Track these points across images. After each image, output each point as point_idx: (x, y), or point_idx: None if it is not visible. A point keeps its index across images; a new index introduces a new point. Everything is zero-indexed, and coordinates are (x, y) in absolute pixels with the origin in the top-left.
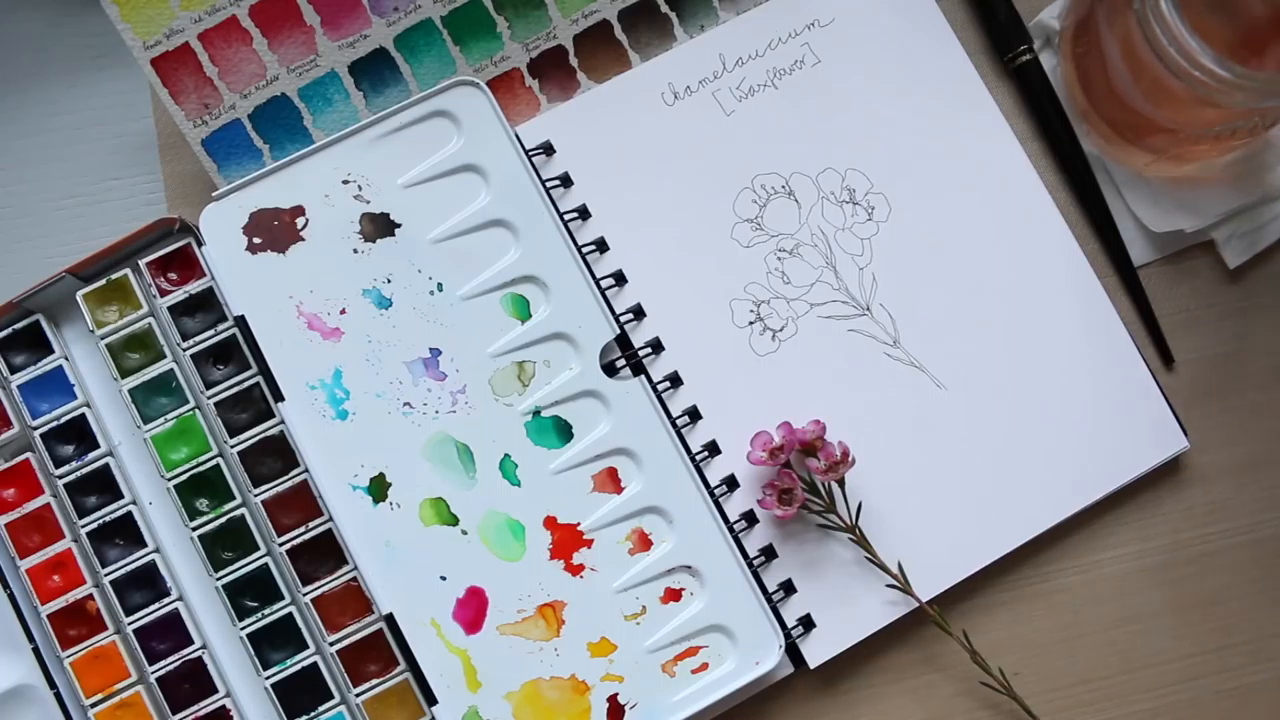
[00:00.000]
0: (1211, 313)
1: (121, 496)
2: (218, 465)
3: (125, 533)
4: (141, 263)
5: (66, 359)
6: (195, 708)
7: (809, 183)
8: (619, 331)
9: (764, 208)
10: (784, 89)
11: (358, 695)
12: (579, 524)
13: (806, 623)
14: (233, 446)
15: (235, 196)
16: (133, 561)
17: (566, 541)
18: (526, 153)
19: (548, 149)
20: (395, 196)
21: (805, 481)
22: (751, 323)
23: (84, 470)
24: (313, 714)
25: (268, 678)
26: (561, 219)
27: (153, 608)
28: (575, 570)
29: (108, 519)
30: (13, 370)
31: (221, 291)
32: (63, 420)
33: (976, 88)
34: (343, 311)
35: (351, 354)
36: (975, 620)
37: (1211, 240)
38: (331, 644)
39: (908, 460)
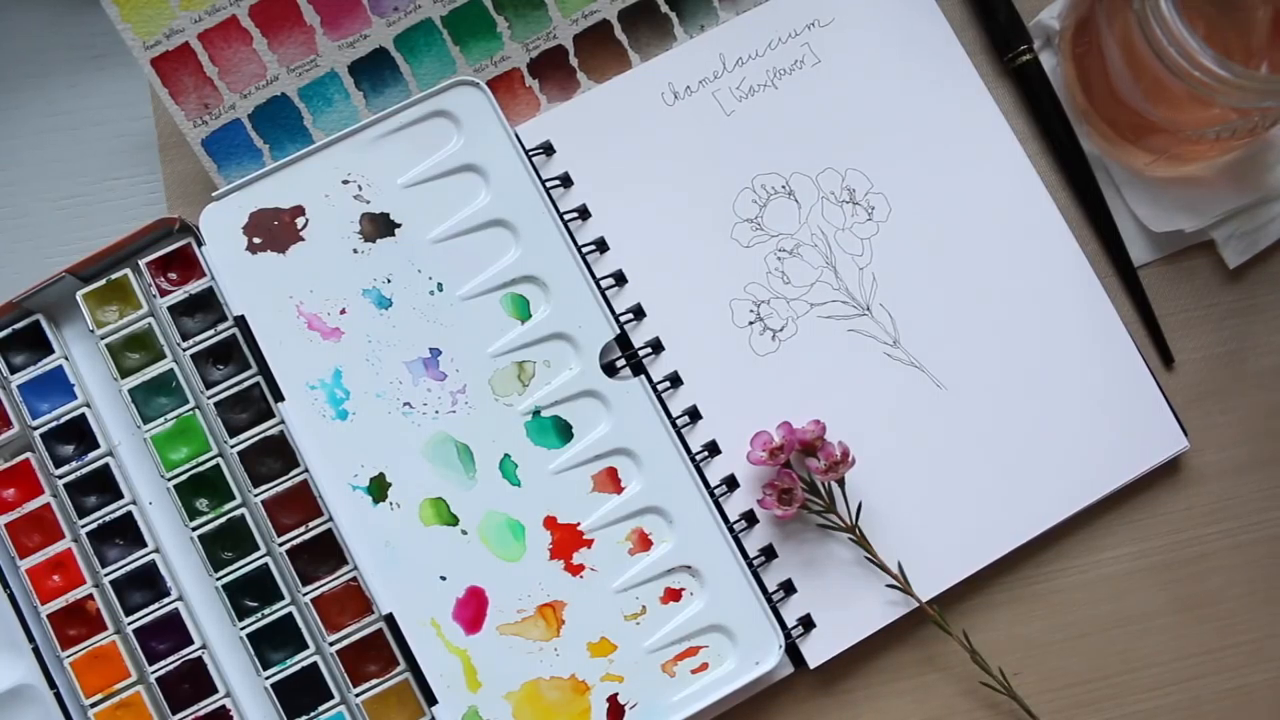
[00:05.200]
0: (1211, 313)
1: (121, 496)
2: (218, 465)
3: (125, 533)
4: (141, 263)
5: (66, 359)
6: (195, 708)
7: (809, 183)
8: (619, 331)
9: (764, 208)
10: (784, 89)
11: (358, 695)
12: (579, 524)
13: (806, 623)
14: (233, 446)
15: (235, 196)
16: (133, 561)
17: (566, 541)
18: (526, 153)
19: (548, 149)
20: (395, 196)
21: (805, 481)
22: (751, 323)
23: (84, 470)
24: (313, 714)
25: (268, 678)
26: (561, 219)
27: (153, 608)
28: (575, 570)
29: (108, 519)
30: (13, 370)
31: (221, 291)
32: (63, 420)
33: (976, 88)
34: (343, 311)
35: (351, 354)
36: (975, 620)
37: (1211, 240)
38: (331, 644)
39: (907, 460)
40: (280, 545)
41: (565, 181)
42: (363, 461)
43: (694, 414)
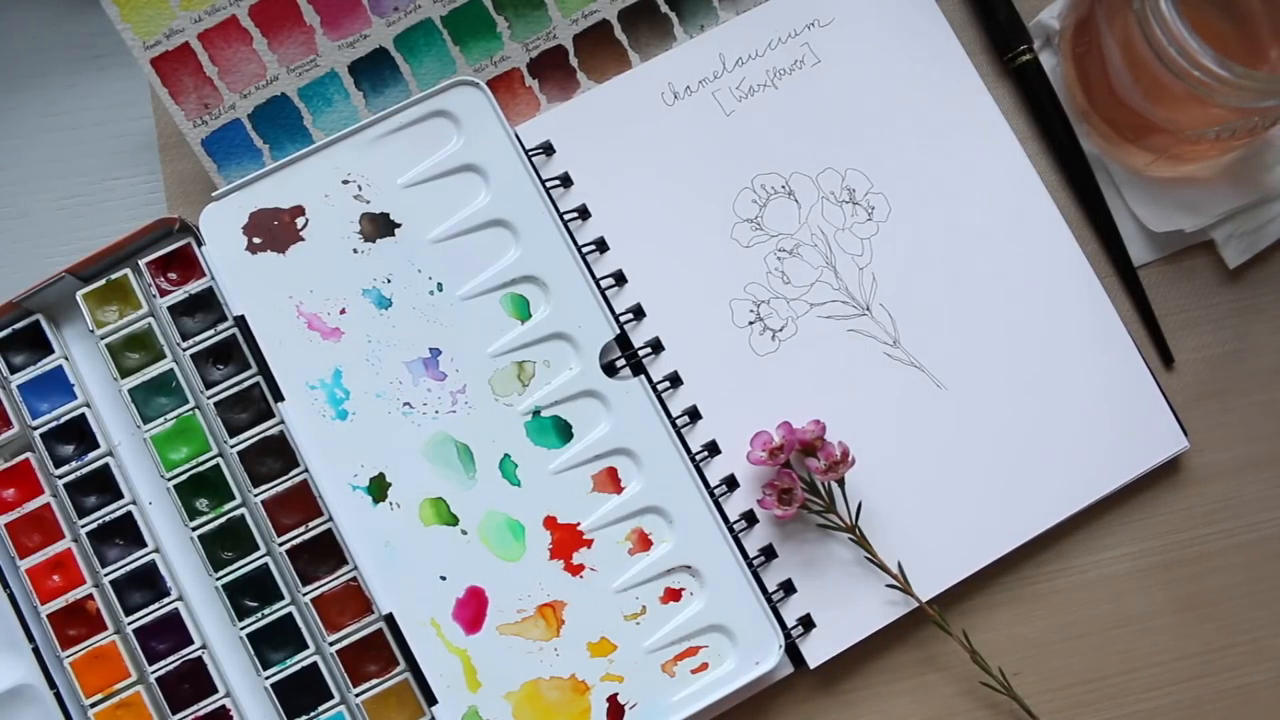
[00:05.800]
0: (1211, 313)
1: (121, 496)
2: (218, 465)
3: (125, 533)
4: (141, 263)
5: (66, 359)
6: (195, 708)
7: (809, 183)
8: (619, 331)
9: (764, 208)
10: (784, 89)
11: (358, 695)
12: (579, 524)
13: (806, 623)
14: (233, 446)
15: (235, 196)
16: (133, 561)
17: (566, 541)
18: (526, 153)
19: (548, 149)
20: (395, 196)
21: (805, 481)
22: (751, 323)
23: (84, 470)
24: (313, 714)
25: (268, 678)
26: (561, 219)
27: (153, 608)
28: (575, 570)
29: (108, 519)
30: (13, 370)
31: (221, 291)
32: (63, 420)
33: (976, 88)
34: (343, 311)
35: (351, 354)
36: (975, 620)
37: (1211, 240)
38: (331, 644)
39: (908, 460)
40: (280, 545)
41: (565, 181)
42: (363, 461)
43: (694, 414)
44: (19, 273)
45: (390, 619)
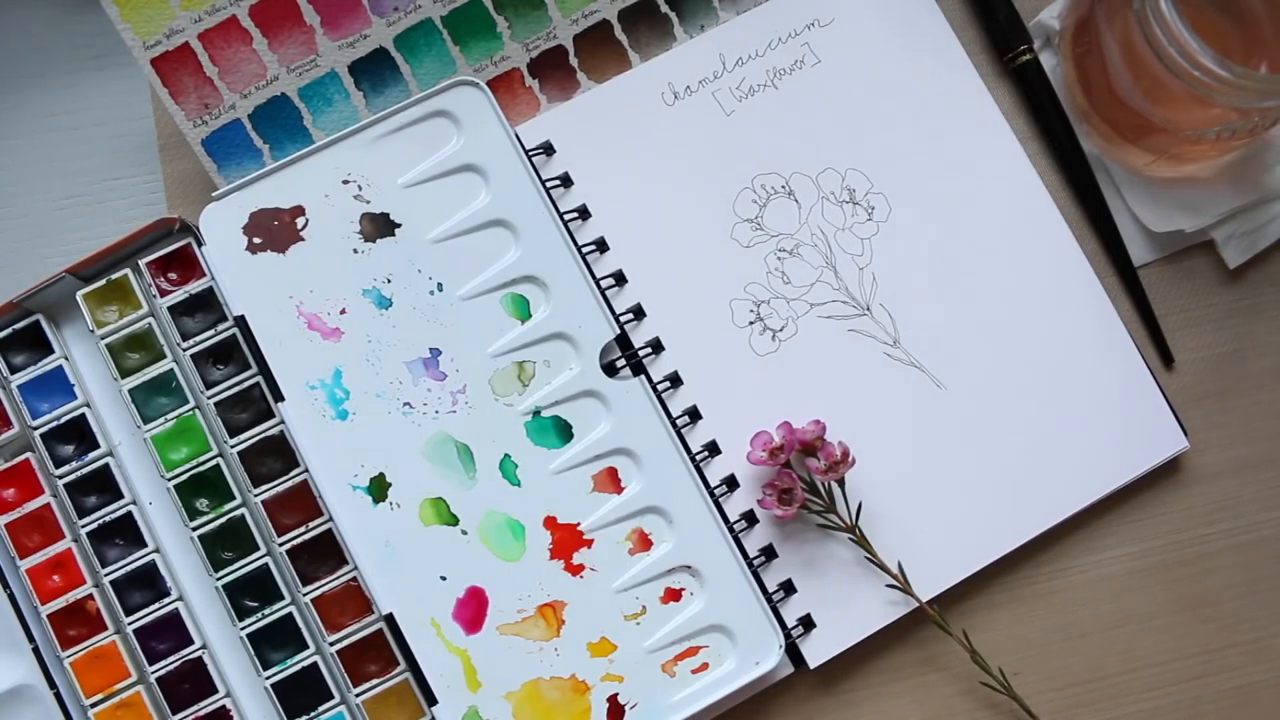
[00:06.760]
0: (1211, 313)
1: (121, 496)
2: (218, 465)
3: (125, 533)
4: (141, 263)
5: (66, 359)
6: (195, 708)
7: (809, 183)
8: (619, 331)
9: (764, 208)
10: (784, 89)
11: (358, 695)
12: (579, 524)
13: (806, 623)
14: (233, 446)
15: (235, 196)
16: (133, 561)
17: (566, 541)
18: (526, 153)
19: (548, 149)
20: (395, 196)
21: (805, 481)
22: (751, 323)
23: (84, 470)
24: (313, 714)
25: (268, 678)
26: (561, 219)
27: (153, 608)
28: (575, 570)
29: (108, 519)
30: (13, 370)
31: (221, 291)
32: (63, 420)
33: (976, 88)
34: (343, 311)
35: (351, 354)
36: (975, 620)
37: (1211, 240)
38: (331, 644)
39: (908, 460)
40: (280, 545)
41: (565, 181)
42: (363, 461)
43: (694, 414)
44: (19, 273)
45: (390, 619)
